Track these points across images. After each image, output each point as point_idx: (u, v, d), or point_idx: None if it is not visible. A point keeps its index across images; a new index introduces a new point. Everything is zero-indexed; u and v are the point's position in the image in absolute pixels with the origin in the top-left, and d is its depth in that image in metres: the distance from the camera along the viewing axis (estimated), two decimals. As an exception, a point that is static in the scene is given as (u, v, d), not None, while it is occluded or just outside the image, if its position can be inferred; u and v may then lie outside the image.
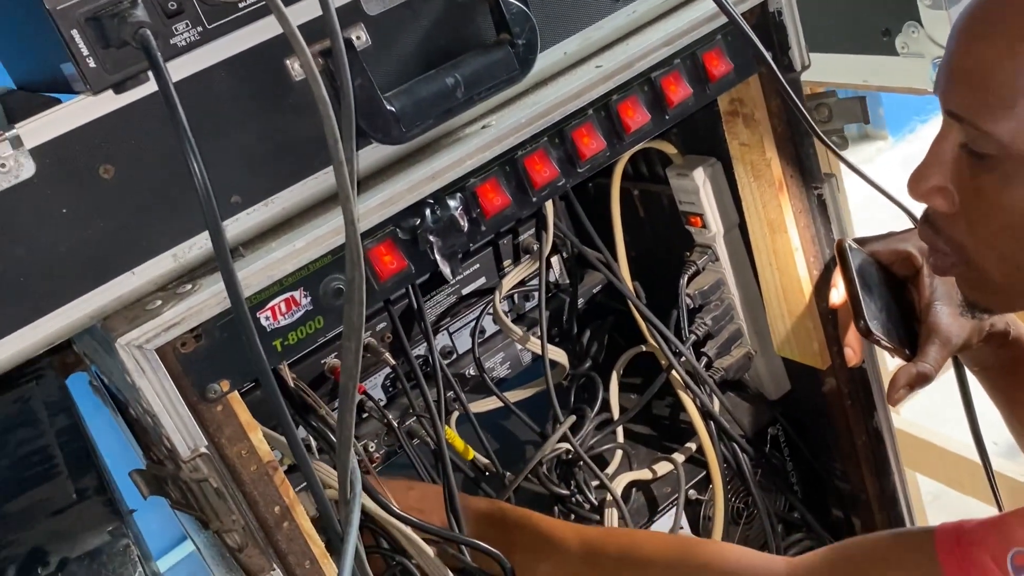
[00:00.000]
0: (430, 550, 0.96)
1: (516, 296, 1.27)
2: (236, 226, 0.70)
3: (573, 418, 1.13)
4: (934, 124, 0.88)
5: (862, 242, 0.95)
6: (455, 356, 1.26)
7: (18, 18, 0.69)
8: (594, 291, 1.33)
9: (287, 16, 0.57)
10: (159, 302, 0.67)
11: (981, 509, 2.02)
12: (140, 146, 0.65)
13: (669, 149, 1.10)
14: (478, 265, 1.25)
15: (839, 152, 0.91)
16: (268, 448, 0.74)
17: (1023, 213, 0.68)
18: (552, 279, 1.31)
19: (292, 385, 0.96)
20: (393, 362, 1.15)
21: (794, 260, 1.01)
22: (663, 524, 1.10)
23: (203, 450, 0.69)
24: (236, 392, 0.71)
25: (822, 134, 0.88)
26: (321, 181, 0.73)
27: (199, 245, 0.69)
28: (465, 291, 1.25)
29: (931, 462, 1.88)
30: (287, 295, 0.71)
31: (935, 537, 0.72)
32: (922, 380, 0.89)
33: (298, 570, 0.76)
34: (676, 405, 1.24)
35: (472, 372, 1.24)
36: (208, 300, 0.66)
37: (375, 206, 0.72)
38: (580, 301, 1.32)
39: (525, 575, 0.94)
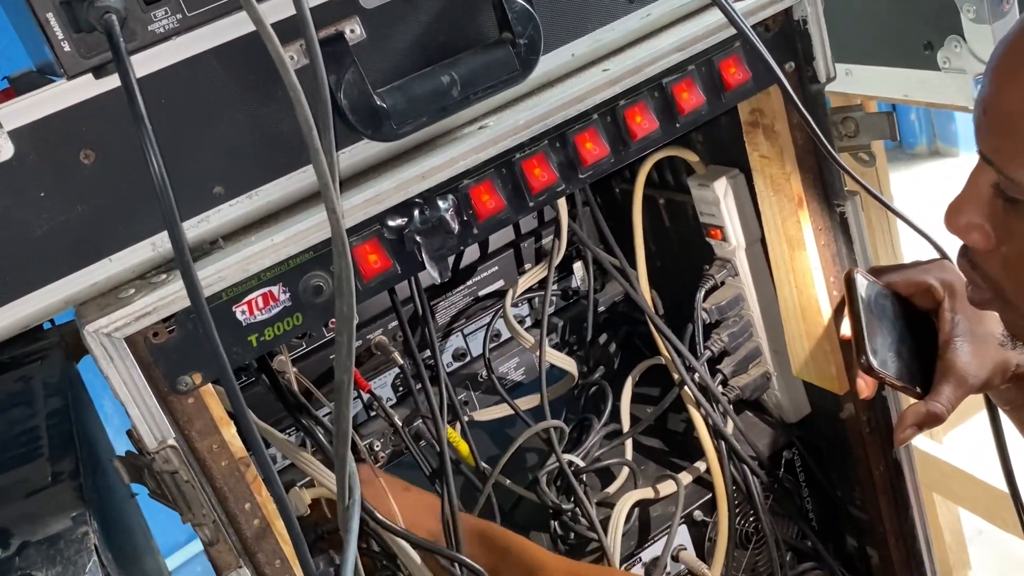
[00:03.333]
0: (418, 559, 0.94)
1: (537, 301, 1.25)
2: (218, 217, 0.70)
3: (565, 429, 1.10)
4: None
5: (880, 271, 0.91)
6: (468, 359, 1.24)
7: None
8: (616, 300, 1.30)
9: (255, 6, 0.56)
10: (132, 291, 0.66)
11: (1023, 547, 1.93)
12: (121, 133, 0.65)
13: (691, 157, 1.07)
14: (497, 268, 1.23)
15: (852, 173, 0.87)
16: (241, 444, 0.73)
17: None
18: (575, 285, 1.29)
19: (284, 381, 0.96)
20: (401, 362, 1.14)
21: (812, 279, 0.97)
22: (664, 545, 1.07)
23: (171, 442, 0.68)
24: (210, 385, 0.70)
25: (835, 153, 0.84)
26: (307, 176, 0.71)
27: (179, 235, 0.68)
28: (482, 293, 1.23)
29: (974, 497, 1.80)
30: (265, 290, 0.70)
31: None
32: (932, 420, 0.84)
33: (267, 569, 0.75)
34: (690, 420, 1.20)
35: (485, 376, 1.23)
36: (180, 291, 0.66)
37: (360, 203, 0.71)
38: (601, 309, 1.29)
39: None
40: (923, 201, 0.89)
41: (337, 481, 0.68)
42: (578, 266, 1.28)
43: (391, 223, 0.73)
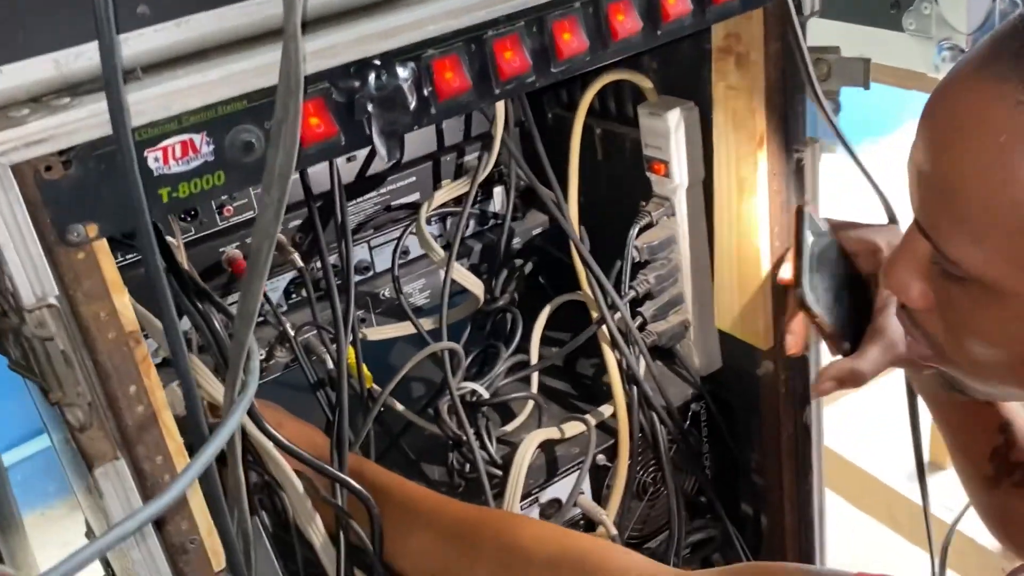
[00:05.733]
0: (299, 484, 0.85)
1: (451, 222, 1.17)
2: (139, 42, 0.58)
3: (460, 352, 1.02)
4: (889, 141, 0.82)
5: (829, 224, 0.87)
6: (372, 273, 1.15)
7: None
8: (535, 232, 1.23)
9: None
10: (26, 111, 0.54)
11: (878, 527, 1.99)
12: (31, -86, 0.53)
13: (644, 83, 1.00)
14: (415, 178, 1.14)
15: (831, 117, 0.82)
16: (134, 317, 0.62)
17: (996, 333, 0.61)
18: (493, 211, 1.21)
19: (181, 263, 0.85)
20: (301, 264, 1.04)
21: (757, 226, 0.92)
22: (564, 487, 1.02)
23: (52, 301, 0.57)
24: (104, 241, 0.59)
25: (820, 92, 0.79)
26: (251, 12, 0.61)
27: (89, 55, 0.56)
28: (394, 204, 1.14)
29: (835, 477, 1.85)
30: (186, 137, 0.59)
31: None
32: (854, 379, 0.81)
33: (146, 464, 0.64)
34: (600, 366, 1.15)
35: (387, 294, 1.14)
36: (87, 119, 0.54)
37: (309, 52, 0.61)
38: (517, 241, 1.22)
39: (389, 546, 0.84)
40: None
41: (230, 364, 0.58)
42: (499, 191, 1.21)
43: (342, 84, 0.63)
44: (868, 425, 2.03)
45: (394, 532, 0.83)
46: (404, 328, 1.10)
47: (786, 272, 0.89)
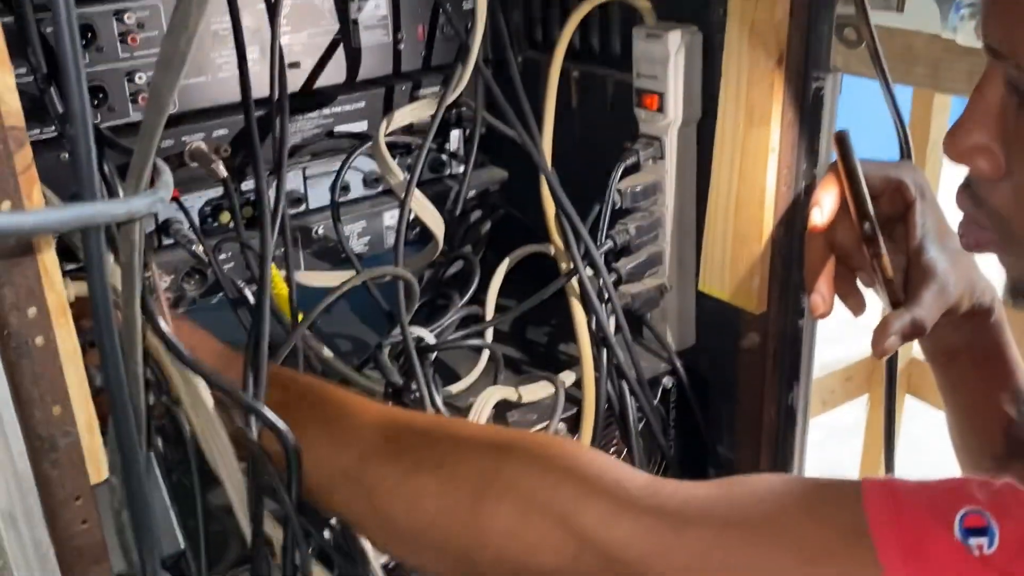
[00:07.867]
0: (210, 402, 0.68)
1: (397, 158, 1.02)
2: None
3: (413, 283, 0.87)
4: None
5: None
6: (304, 208, 0.99)
7: None
8: (490, 188, 1.10)
9: None
10: None
11: None
12: None
13: (642, 3, 0.89)
14: (363, 104, 1.00)
15: (870, 24, 0.72)
16: (18, 107, 0.46)
17: None
18: (445, 157, 1.07)
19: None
20: (224, 174, 0.88)
21: (766, 164, 0.81)
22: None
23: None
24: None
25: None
26: None
27: None
28: (338, 129, 0.99)
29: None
30: None
31: (863, 492, 0.53)
32: (916, 330, 0.71)
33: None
34: (555, 333, 1.02)
35: (321, 232, 0.98)
36: None
37: None
38: (472, 194, 1.08)
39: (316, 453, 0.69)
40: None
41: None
42: (456, 135, 1.07)
43: None
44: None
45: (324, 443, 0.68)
46: (342, 276, 0.95)
47: (818, 217, 0.78)
